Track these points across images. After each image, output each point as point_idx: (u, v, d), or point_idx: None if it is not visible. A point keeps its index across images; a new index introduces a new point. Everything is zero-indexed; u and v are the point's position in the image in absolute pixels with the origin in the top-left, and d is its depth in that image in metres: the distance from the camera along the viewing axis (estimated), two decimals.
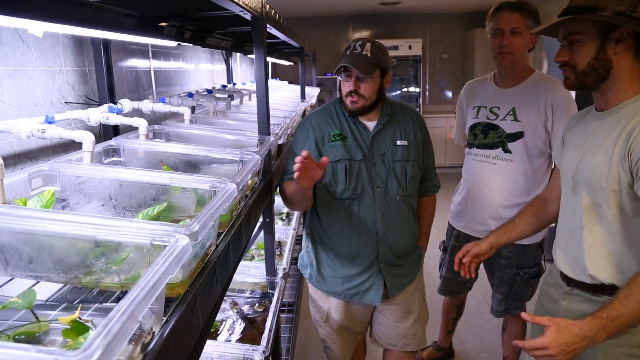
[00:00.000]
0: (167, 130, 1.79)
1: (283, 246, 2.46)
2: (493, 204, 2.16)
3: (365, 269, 1.79)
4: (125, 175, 1.09)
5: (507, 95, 2.13)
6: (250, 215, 1.41)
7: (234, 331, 1.85)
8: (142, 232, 0.74)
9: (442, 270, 2.48)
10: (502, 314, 2.34)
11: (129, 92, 2.32)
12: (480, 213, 2.21)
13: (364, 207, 1.75)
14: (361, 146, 1.75)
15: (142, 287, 0.58)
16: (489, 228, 2.18)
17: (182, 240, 0.72)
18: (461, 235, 2.32)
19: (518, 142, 2.08)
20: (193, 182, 1.09)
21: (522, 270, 2.19)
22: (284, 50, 4.39)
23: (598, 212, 1.35)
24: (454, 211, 2.37)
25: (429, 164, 1.92)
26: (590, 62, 1.31)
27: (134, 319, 0.54)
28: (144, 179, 1.09)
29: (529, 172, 2.10)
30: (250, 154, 1.40)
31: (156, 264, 0.64)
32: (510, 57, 2.04)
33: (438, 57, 7.81)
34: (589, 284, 1.39)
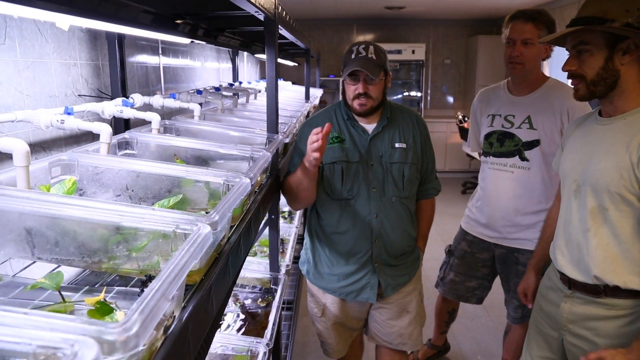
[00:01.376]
0: (177, 125, 1.83)
1: (285, 244, 2.50)
2: (511, 211, 2.18)
3: (360, 267, 1.82)
4: (142, 167, 1.13)
5: (522, 103, 2.15)
6: (259, 210, 1.44)
7: (235, 324, 1.89)
8: (165, 220, 0.78)
9: (443, 272, 2.51)
10: (519, 321, 2.33)
11: (139, 87, 2.35)
12: (497, 221, 2.23)
13: (360, 207, 1.79)
14: (359, 148, 1.79)
15: (171, 269, 0.61)
16: (505, 235, 2.22)
17: (204, 229, 0.76)
18: (476, 241, 2.35)
19: (535, 150, 2.10)
20: (208, 176, 1.12)
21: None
22: (290, 51, 4.43)
23: (604, 215, 1.39)
24: (470, 217, 2.39)
25: (429, 167, 1.94)
26: (599, 72, 1.35)
27: (165, 298, 0.57)
28: (161, 171, 1.13)
29: (547, 179, 2.12)
30: (261, 151, 1.44)
31: (182, 249, 0.67)
32: (520, 68, 2.06)
33: (441, 62, 7.86)
34: (591, 286, 1.43)
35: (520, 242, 2.20)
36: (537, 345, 1.67)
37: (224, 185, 1.11)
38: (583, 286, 1.45)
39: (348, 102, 1.81)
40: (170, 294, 0.59)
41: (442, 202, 2.25)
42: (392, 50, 7.02)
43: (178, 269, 0.63)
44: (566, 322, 1.53)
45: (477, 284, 2.44)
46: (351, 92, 1.77)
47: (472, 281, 2.43)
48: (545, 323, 1.62)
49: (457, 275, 2.45)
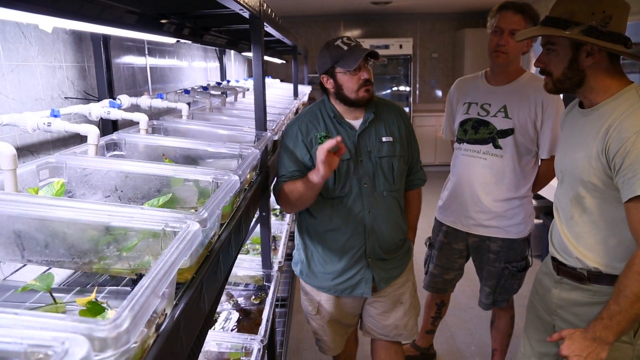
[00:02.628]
0: (165, 125, 1.83)
1: (277, 241, 2.51)
2: (482, 197, 2.22)
3: (353, 263, 1.84)
4: (130, 167, 1.13)
5: (499, 92, 2.19)
6: (249, 208, 1.45)
7: (229, 322, 1.89)
8: (154, 219, 0.78)
9: (427, 266, 2.53)
10: (489, 307, 2.41)
11: (126, 89, 2.34)
12: (469, 207, 2.26)
13: (352, 204, 1.80)
14: (348, 145, 1.79)
15: (161, 267, 0.62)
16: (479, 222, 2.25)
17: (193, 226, 0.77)
18: (450, 231, 2.38)
19: (508, 139, 2.14)
20: (196, 174, 1.12)
21: (510, 264, 2.25)
22: (277, 49, 4.42)
23: (582, 203, 1.43)
24: (442, 207, 2.42)
25: (414, 157, 1.96)
26: (564, 72, 1.40)
27: (155, 295, 0.58)
28: (149, 171, 1.13)
29: (518, 168, 2.17)
30: (250, 149, 1.45)
31: (172, 246, 0.68)
32: (504, 57, 2.09)
33: (428, 56, 7.89)
34: (576, 272, 1.46)
35: (492, 229, 2.24)
36: (535, 328, 1.70)
37: (213, 184, 1.11)
38: (569, 273, 1.49)
39: (348, 95, 1.77)
40: (160, 290, 0.60)
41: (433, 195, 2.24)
42: (379, 45, 7.03)
43: (167, 266, 0.63)
44: (556, 307, 1.56)
45: (454, 275, 2.48)
46: (354, 83, 1.75)
47: (450, 273, 2.47)
48: (540, 307, 1.66)
49: (436, 268, 2.48)
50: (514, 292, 2.34)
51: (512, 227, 2.22)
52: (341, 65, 1.74)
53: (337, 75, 1.78)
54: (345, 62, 1.73)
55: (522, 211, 2.22)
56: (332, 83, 1.80)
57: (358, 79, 1.75)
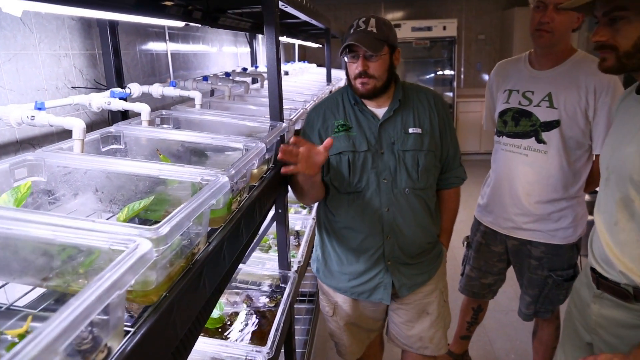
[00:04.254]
0: (175, 115, 1.72)
1: (301, 237, 2.37)
2: (523, 199, 1.98)
3: (371, 266, 1.68)
4: (112, 166, 1.01)
5: (543, 78, 1.92)
6: (255, 208, 1.31)
7: (247, 326, 1.78)
8: (101, 236, 0.65)
9: (465, 267, 2.32)
10: (530, 318, 2.17)
11: (144, 76, 2.25)
12: (509, 208, 2.03)
13: (369, 200, 1.64)
14: (367, 136, 1.63)
15: (74, 308, 0.49)
16: (518, 225, 2.02)
17: (144, 246, 0.63)
18: (488, 232, 2.16)
19: (553, 132, 1.88)
20: (182, 174, 0.99)
21: (555, 272, 2.00)
22: (311, 32, 4.25)
23: (631, 207, 1.20)
24: (481, 205, 2.20)
25: (449, 153, 1.74)
26: (637, 43, 1.13)
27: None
28: (131, 170, 1.01)
29: (565, 166, 1.90)
30: (255, 142, 1.30)
31: (101, 276, 0.55)
32: (548, 37, 1.81)
33: (474, 38, 7.48)
34: (619, 290, 1.24)
35: (533, 233, 2.00)
36: (572, 343, 1.50)
37: (201, 185, 0.98)
38: (611, 288, 1.27)
39: (351, 84, 1.63)
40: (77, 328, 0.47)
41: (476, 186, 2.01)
42: (421, 27, 6.72)
43: (86, 305, 0.50)
44: (595, 326, 1.35)
45: (493, 280, 2.25)
46: (352, 72, 1.60)
47: (488, 277, 2.24)
48: (579, 323, 1.45)
49: (473, 271, 2.26)
50: (559, 303, 2.09)
51: (557, 232, 1.97)
52: (342, 45, 1.58)
53: (345, 58, 1.63)
54: (343, 43, 1.56)
55: (571, 214, 1.95)
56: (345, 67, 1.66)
57: (355, 67, 1.58)
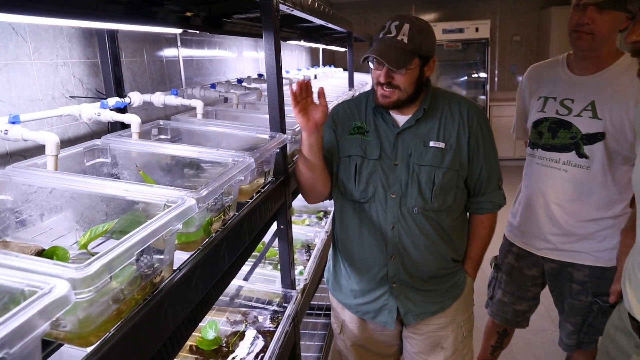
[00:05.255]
0: (174, 126, 1.65)
1: (312, 250, 2.27)
2: (561, 218, 1.79)
3: (375, 285, 1.56)
4: (78, 185, 0.94)
5: (585, 84, 1.72)
6: (243, 227, 1.22)
7: (252, 347, 1.69)
8: (17, 275, 0.57)
9: (492, 290, 2.14)
10: (572, 349, 1.94)
11: (153, 84, 2.21)
12: (545, 228, 1.84)
13: (374, 214, 1.52)
14: (382, 144, 1.51)
15: None
16: (557, 246, 1.83)
17: (60, 289, 0.55)
18: (522, 254, 1.97)
19: (597, 145, 1.68)
20: (149, 195, 0.91)
21: (601, 298, 1.79)
22: (333, 36, 4.15)
23: None
24: (513, 224, 2.01)
25: (481, 175, 1.54)
26: None
27: None
28: (97, 190, 0.93)
29: (611, 182, 1.70)
30: (243, 157, 1.21)
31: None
32: (588, 39, 1.62)
33: (509, 40, 7.21)
34: None
35: (575, 254, 1.81)
36: None
37: (167, 207, 0.90)
38: None
39: (375, 90, 1.51)
40: None
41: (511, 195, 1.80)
42: (453, 29, 6.51)
43: None
44: None
45: (527, 306, 2.06)
46: (375, 79, 1.48)
47: (522, 303, 2.05)
48: None
49: (505, 295, 2.07)
50: None
51: (603, 253, 1.77)
52: (366, 53, 1.45)
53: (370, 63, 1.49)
54: (368, 51, 1.44)
55: (617, 232, 1.73)
56: None
57: (377, 77, 1.45)
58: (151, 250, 0.84)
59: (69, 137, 1.66)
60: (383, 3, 7.22)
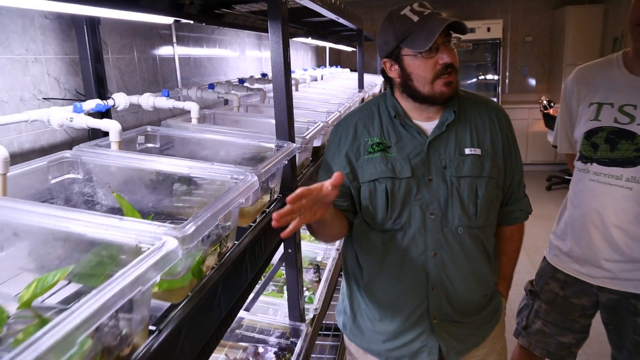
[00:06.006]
0: (164, 132, 1.41)
1: (322, 270, 2.03)
2: (622, 243, 1.56)
3: (412, 325, 1.32)
4: (20, 217, 0.70)
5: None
6: (245, 261, 0.98)
7: None
8: None
9: (525, 318, 1.88)
10: None
11: (144, 85, 1.97)
12: (603, 254, 1.60)
13: (411, 242, 1.28)
14: (411, 158, 1.28)
15: None
16: (616, 275, 1.59)
17: None
18: (570, 282, 1.72)
19: None
20: (115, 233, 0.67)
21: None
22: (342, 34, 3.92)
23: None
24: (559, 247, 1.76)
25: (514, 180, 1.38)
26: None
27: None
28: (46, 224, 0.69)
29: None
30: (244, 173, 0.97)
31: None
32: None
33: (521, 40, 6.95)
34: None
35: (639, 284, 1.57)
36: None
37: (138, 249, 0.66)
38: None
39: (420, 88, 1.26)
40: None
41: None
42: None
43: None
44: None
45: (573, 339, 1.79)
46: (429, 70, 1.22)
47: (567, 335, 1.79)
48: None
49: (547, 325, 1.81)
50: None
51: None
52: (409, 44, 1.21)
53: (404, 58, 1.25)
54: (414, 39, 1.20)
55: None
56: (397, 70, 1.28)
57: (434, 64, 1.21)
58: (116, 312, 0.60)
59: (42, 146, 1.42)
60: (391, 2, 6.98)
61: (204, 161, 1.04)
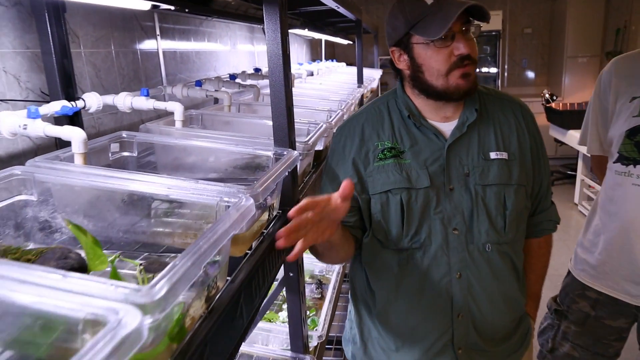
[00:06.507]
0: (142, 139, 1.20)
1: (325, 285, 1.83)
2: None
3: (433, 356, 1.14)
4: None
5: None
6: (240, 305, 0.78)
7: None
8: None
9: (551, 340, 1.70)
10: None
11: (124, 82, 1.76)
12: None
13: (432, 262, 1.10)
14: (428, 165, 1.10)
15: None
16: None
17: None
18: (603, 301, 1.55)
19: None
20: (49, 300, 0.46)
21: None
22: (339, 25, 3.71)
23: None
24: (588, 261, 1.58)
25: (542, 187, 1.22)
26: None
27: None
28: None
29: None
30: (237, 195, 0.77)
31: None
32: None
33: (520, 32, 6.77)
34: None
35: None
36: None
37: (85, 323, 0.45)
38: None
39: (432, 82, 1.08)
40: None
41: None
42: None
43: None
44: None
45: None
46: (442, 61, 1.05)
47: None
48: None
49: (576, 349, 1.63)
50: None
51: None
52: (420, 30, 1.04)
53: (414, 47, 1.07)
54: (427, 25, 1.02)
55: None
56: (406, 61, 1.11)
57: (449, 54, 1.04)
58: None
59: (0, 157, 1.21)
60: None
61: (186, 178, 0.83)
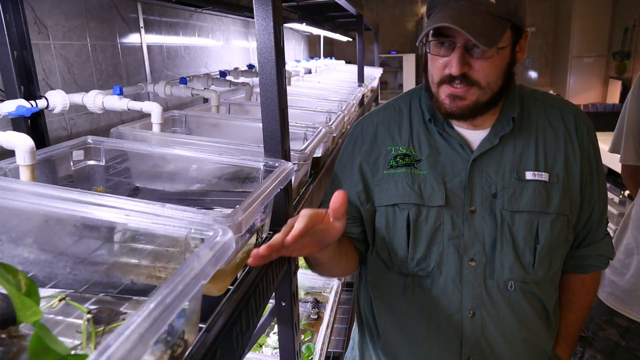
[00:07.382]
0: (110, 145, 1.03)
1: (322, 305, 1.67)
2: None
3: None
4: None
5: None
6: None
7: None
8: None
9: None
10: None
11: (101, 79, 1.59)
12: None
13: (440, 295, 0.95)
14: (447, 180, 0.94)
15: None
16: None
17: None
18: (635, 329, 1.39)
19: None
20: None
21: None
22: (339, 20, 3.54)
23: None
24: (617, 283, 1.43)
25: (593, 217, 1.01)
26: None
27: None
28: None
29: None
30: (213, 228, 0.60)
31: None
32: None
33: None
34: None
35: None
36: None
37: None
38: None
39: (430, 86, 0.94)
40: None
41: None
42: None
43: None
44: None
45: None
46: (436, 71, 0.90)
47: None
48: None
49: None
50: None
51: None
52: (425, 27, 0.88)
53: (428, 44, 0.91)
54: (428, 22, 0.87)
55: None
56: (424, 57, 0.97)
57: (442, 66, 0.89)
58: None
59: None
60: None
61: (150, 202, 0.66)
